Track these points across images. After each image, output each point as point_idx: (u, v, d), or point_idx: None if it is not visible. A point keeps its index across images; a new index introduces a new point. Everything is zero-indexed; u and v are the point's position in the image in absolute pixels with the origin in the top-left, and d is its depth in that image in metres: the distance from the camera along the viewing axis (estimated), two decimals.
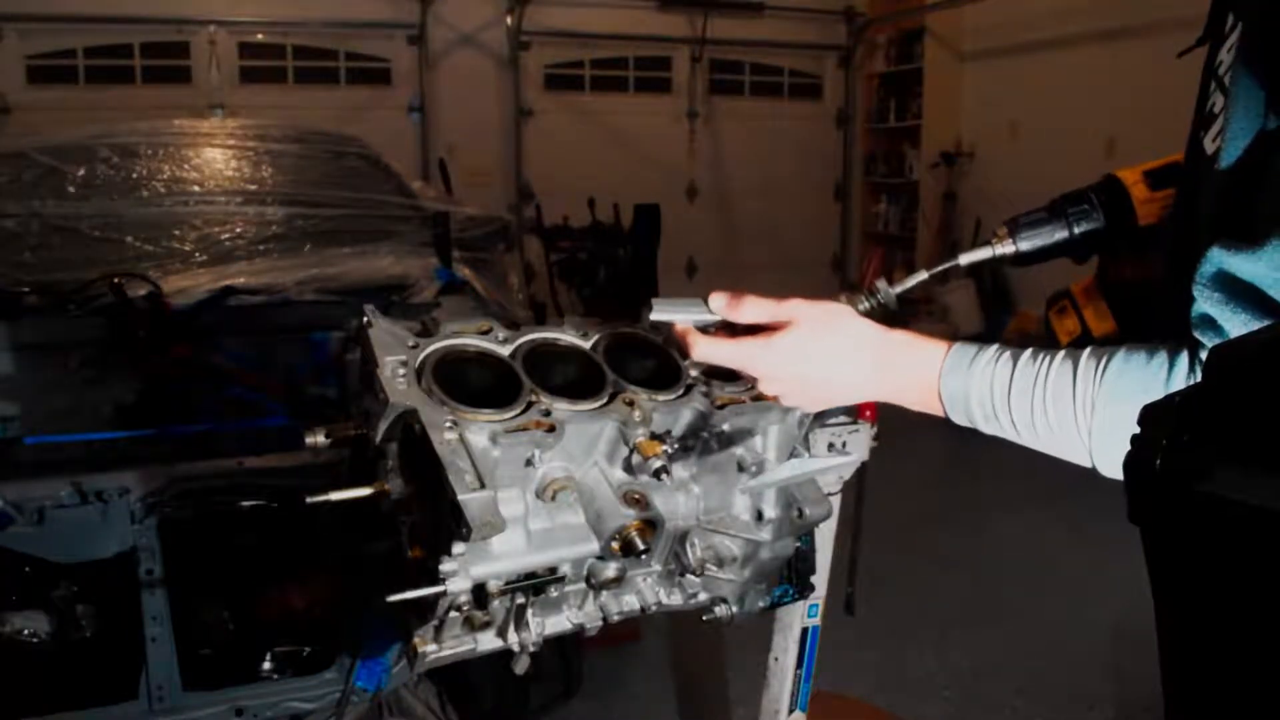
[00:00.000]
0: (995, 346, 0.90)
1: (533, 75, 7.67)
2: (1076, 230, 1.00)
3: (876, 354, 0.92)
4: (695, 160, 8.23)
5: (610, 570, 0.96)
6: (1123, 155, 6.03)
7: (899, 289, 1.00)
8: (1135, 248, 1.07)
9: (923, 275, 1.03)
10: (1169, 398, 0.49)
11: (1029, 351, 0.87)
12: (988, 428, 0.91)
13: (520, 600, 0.93)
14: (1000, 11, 7.06)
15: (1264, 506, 0.43)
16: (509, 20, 7.41)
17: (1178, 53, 1.09)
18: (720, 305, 0.94)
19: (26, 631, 1.79)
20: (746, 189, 8.28)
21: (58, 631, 1.81)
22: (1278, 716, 0.46)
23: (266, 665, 1.92)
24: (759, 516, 1.04)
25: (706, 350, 0.94)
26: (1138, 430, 0.51)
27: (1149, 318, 0.83)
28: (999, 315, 7.07)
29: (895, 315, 0.99)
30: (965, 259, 1.04)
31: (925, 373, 0.91)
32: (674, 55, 8.07)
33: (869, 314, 0.98)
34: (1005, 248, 1.01)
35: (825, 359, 0.92)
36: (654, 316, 0.95)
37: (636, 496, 0.96)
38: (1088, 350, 0.84)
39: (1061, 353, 0.85)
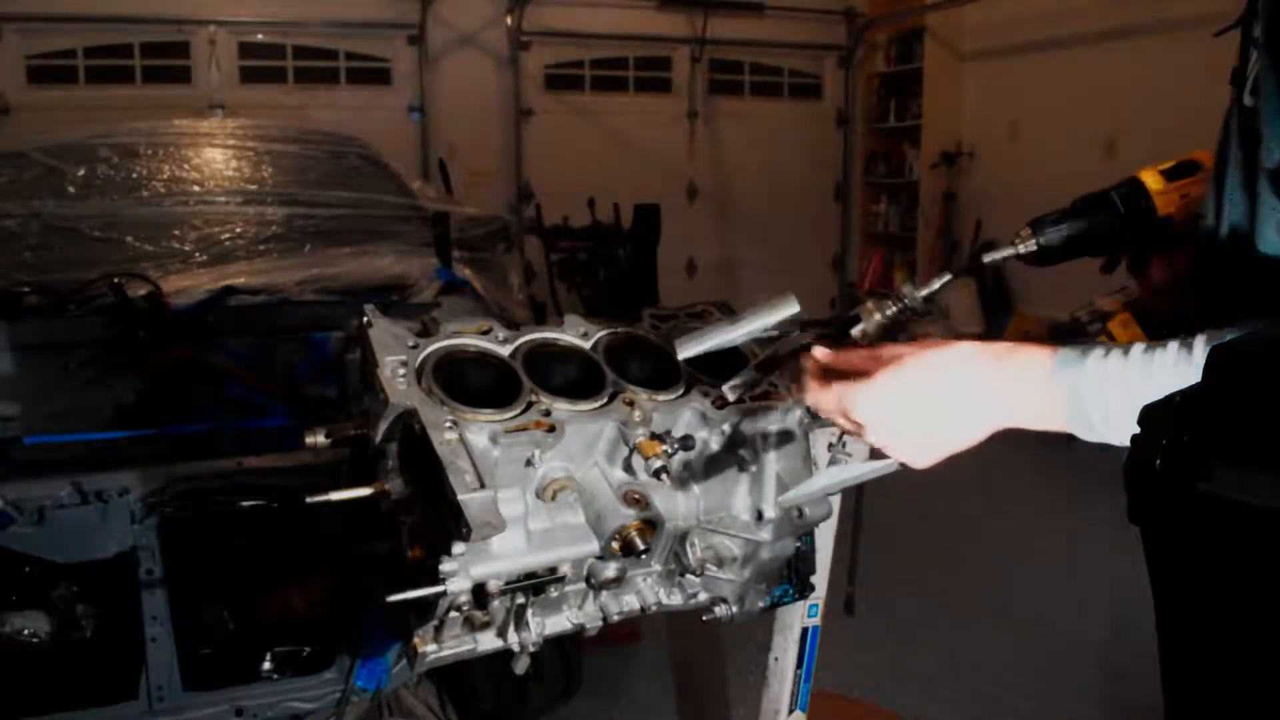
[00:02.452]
0: (1098, 344, 0.84)
1: (533, 75, 7.67)
2: (1098, 227, 1.02)
3: (984, 363, 0.85)
4: (695, 160, 8.23)
5: (610, 570, 0.97)
6: (1123, 155, 6.05)
7: (924, 291, 0.98)
8: (1161, 245, 1.08)
9: (947, 277, 1.02)
10: (1169, 397, 0.49)
11: (1137, 345, 0.80)
12: (1104, 429, 0.81)
13: (520, 600, 0.93)
14: (1000, 11, 7.06)
15: (1264, 506, 0.43)
16: (509, 20, 7.40)
17: (1214, 31, 1.06)
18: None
19: (26, 631, 1.79)
20: (746, 189, 8.28)
21: (58, 631, 1.80)
22: (1277, 714, 0.46)
23: (266, 665, 1.92)
24: (759, 516, 1.04)
25: (811, 398, 0.88)
26: (1138, 430, 0.51)
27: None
28: (999, 315, 7.07)
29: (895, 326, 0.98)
30: (990, 258, 1.05)
31: (1038, 372, 0.82)
32: (674, 55, 8.06)
33: (897, 318, 0.96)
34: (1028, 245, 1.02)
35: (938, 387, 0.84)
36: (683, 355, 0.93)
37: (636, 496, 0.96)
38: (1201, 338, 0.77)
39: (1174, 342, 0.78)
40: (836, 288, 8.90)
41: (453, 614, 0.90)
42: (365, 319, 0.98)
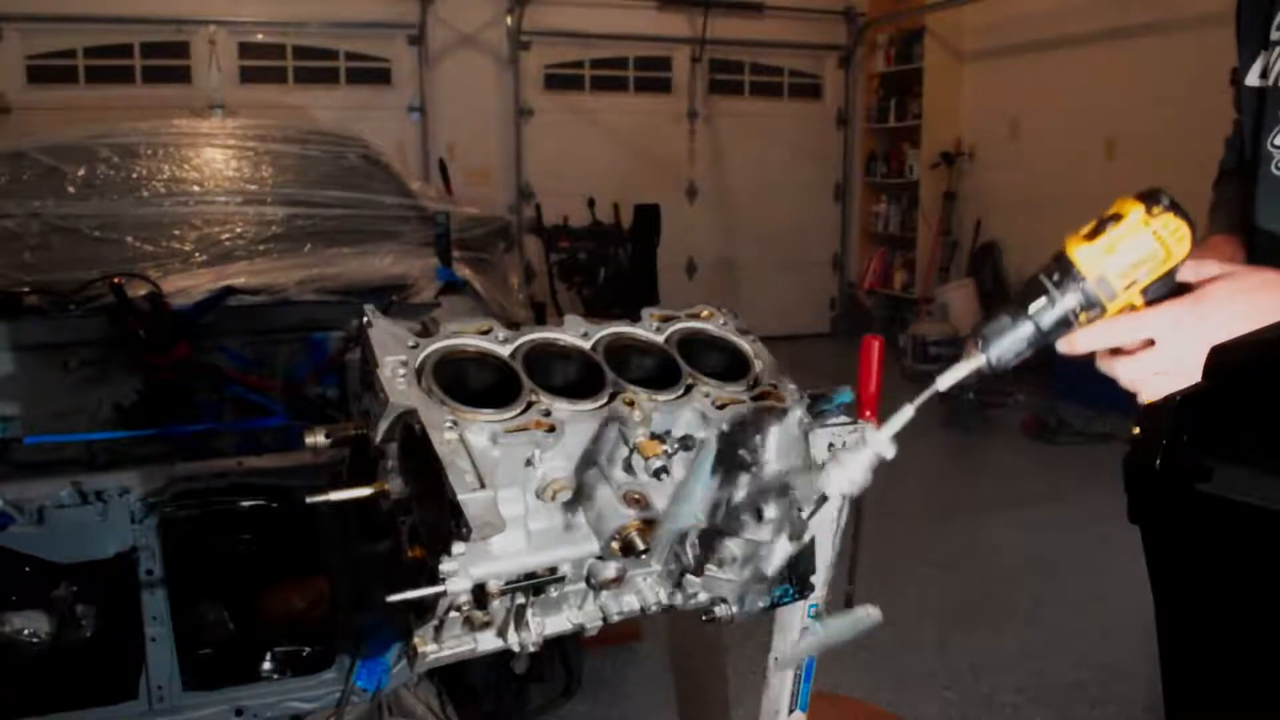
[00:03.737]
0: None
1: (533, 75, 7.68)
2: (1043, 325, 0.89)
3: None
4: (695, 160, 8.23)
5: (610, 570, 0.96)
6: (1123, 155, 6.06)
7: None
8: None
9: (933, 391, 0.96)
10: (1169, 397, 0.49)
11: None
12: None
13: (520, 600, 0.93)
14: (1000, 11, 7.06)
15: (1264, 506, 0.43)
16: (509, 20, 7.41)
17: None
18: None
19: (26, 631, 1.79)
20: (746, 189, 8.28)
21: (58, 631, 1.81)
22: (1277, 713, 0.46)
23: (266, 665, 1.92)
24: (759, 516, 1.04)
25: (1091, 338, 0.88)
26: (1137, 430, 0.51)
27: None
28: None
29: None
30: (944, 383, 0.96)
31: None
32: (674, 55, 8.07)
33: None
34: (978, 360, 0.93)
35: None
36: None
37: (636, 496, 0.96)
38: None
39: None
40: (836, 288, 8.91)
41: (453, 614, 0.90)
42: (365, 319, 0.98)
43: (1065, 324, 0.89)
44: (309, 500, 0.96)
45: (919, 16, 7.94)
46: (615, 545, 0.94)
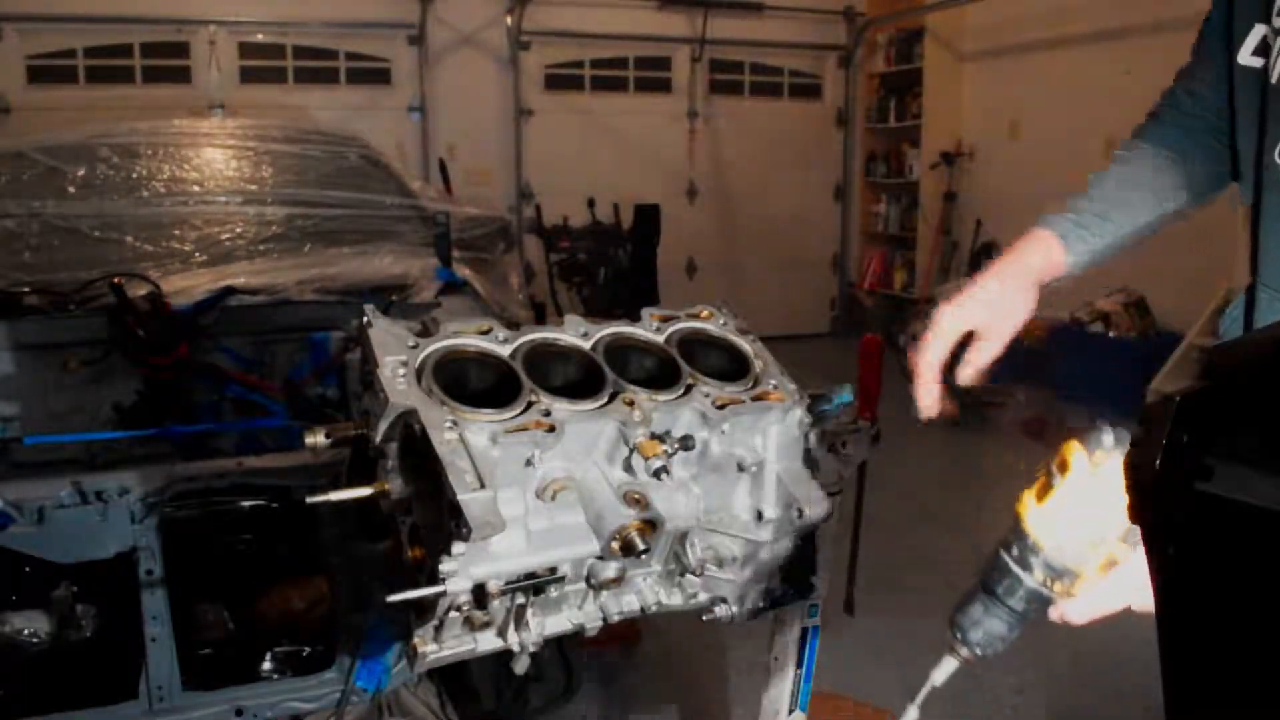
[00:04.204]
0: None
1: (533, 75, 7.67)
2: (1015, 607, 0.84)
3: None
4: (695, 160, 8.23)
5: (610, 570, 0.96)
6: None
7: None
8: None
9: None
10: (1169, 397, 0.49)
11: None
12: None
13: (520, 600, 0.93)
14: (1000, 11, 7.06)
15: (1264, 506, 0.43)
16: (509, 20, 7.41)
17: None
18: None
19: (26, 631, 1.79)
20: (746, 189, 8.28)
21: (58, 631, 1.80)
22: (1278, 715, 0.46)
23: (266, 665, 1.92)
24: (759, 516, 1.04)
25: (1083, 610, 0.86)
26: (1138, 430, 0.51)
27: None
28: None
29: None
30: (938, 677, 0.95)
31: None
32: (674, 55, 8.07)
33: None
34: (961, 655, 0.90)
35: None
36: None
37: (636, 496, 0.96)
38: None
39: None
40: (836, 288, 8.90)
41: (453, 614, 0.90)
42: (365, 319, 0.98)
43: (1041, 599, 0.82)
44: (309, 500, 0.96)
45: (919, 16, 7.94)
46: (615, 545, 0.94)
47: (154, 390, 1.99)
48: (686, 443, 0.99)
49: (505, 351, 1.01)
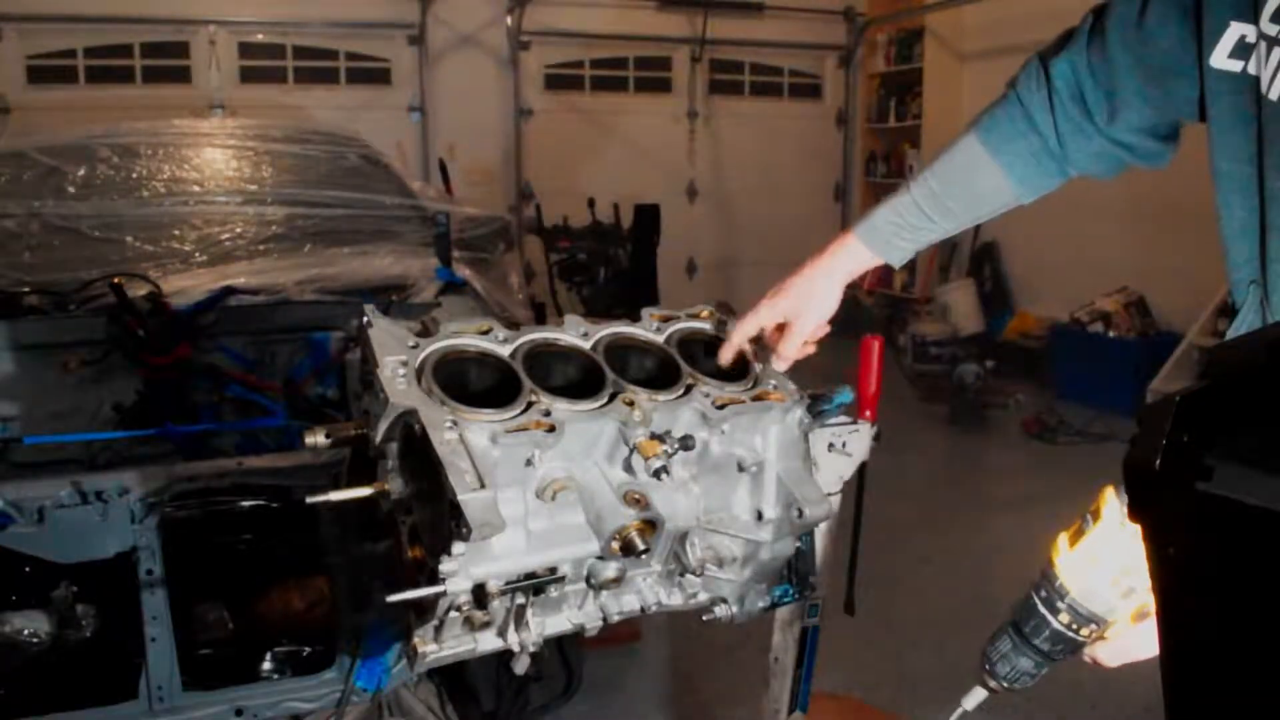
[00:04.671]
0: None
1: (533, 75, 7.67)
2: (1042, 647, 0.83)
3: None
4: (695, 160, 8.23)
5: (610, 570, 0.96)
6: None
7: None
8: None
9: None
10: (1169, 397, 0.49)
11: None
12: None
13: (520, 600, 0.93)
14: (1000, 11, 7.06)
15: (1264, 507, 0.43)
16: (509, 20, 7.41)
17: None
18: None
19: (26, 631, 1.79)
20: (746, 189, 8.28)
21: (58, 631, 1.80)
22: (1278, 716, 0.46)
23: (266, 665, 1.92)
24: (759, 516, 1.04)
25: (1116, 654, 0.82)
26: (1137, 430, 0.51)
27: None
28: (999, 315, 7.08)
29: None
30: (969, 702, 0.94)
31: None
32: (674, 55, 8.06)
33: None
34: (989, 686, 0.90)
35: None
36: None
37: (636, 496, 0.96)
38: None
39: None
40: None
41: (453, 614, 0.90)
42: (365, 319, 0.98)
43: (1067, 641, 0.81)
44: (309, 500, 0.96)
45: (919, 16, 7.94)
46: (615, 545, 0.94)
47: (154, 390, 1.99)
48: (686, 443, 0.99)
49: (505, 351, 1.01)
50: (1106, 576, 0.79)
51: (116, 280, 2.09)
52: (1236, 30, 0.99)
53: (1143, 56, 1.12)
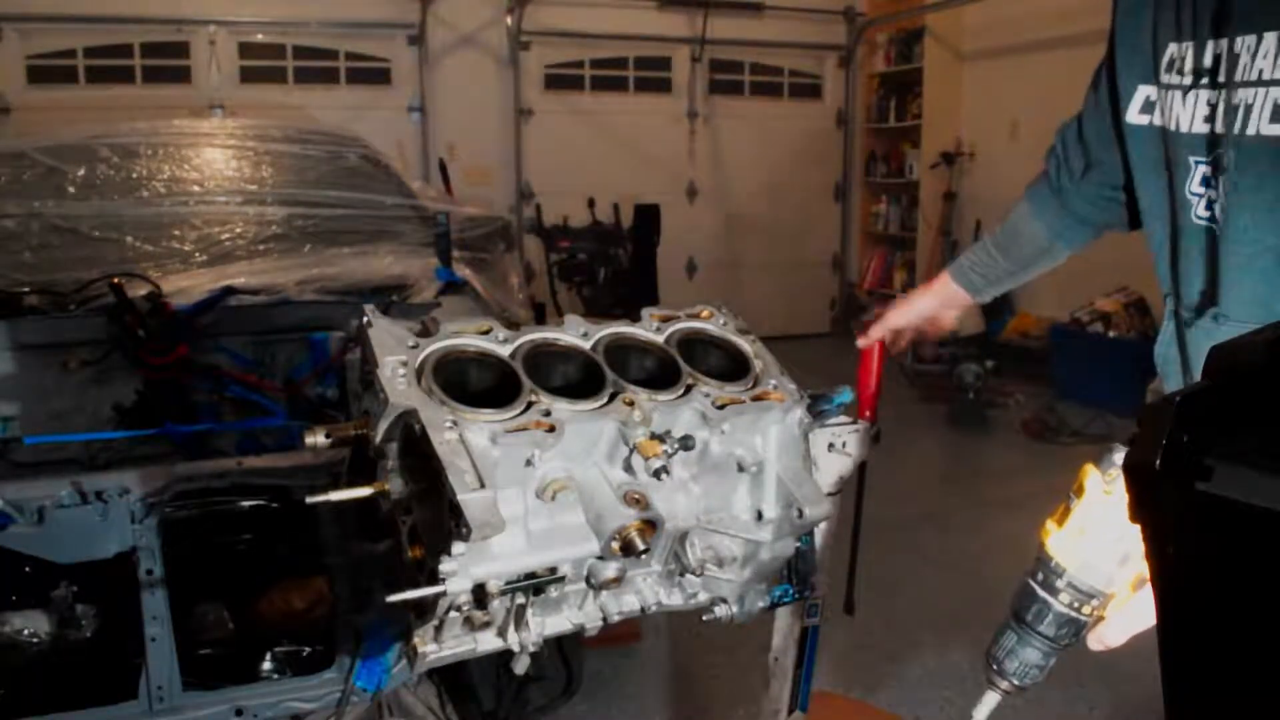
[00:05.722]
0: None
1: (533, 75, 7.67)
2: (1047, 633, 0.82)
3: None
4: (695, 160, 8.23)
5: (610, 570, 0.96)
6: None
7: None
8: None
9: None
10: (1169, 397, 0.49)
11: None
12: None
13: (520, 600, 0.93)
14: (1000, 11, 7.06)
15: (1264, 506, 0.43)
16: (509, 20, 7.41)
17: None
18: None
19: (26, 631, 1.79)
20: (746, 189, 8.28)
21: (58, 631, 1.81)
22: (1278, 715, 0.46)
23: (266, 665, 1.92)
24: (759, 516, 1.04)
25: (1119, 630, 0.81)
26: (1137, 430, 0.51)
27: None
28: (999, 315, 7.08)
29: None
30: (979, 714, 0.92)
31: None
32: (674, 55, 8.07)
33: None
34: (1001, 688, 0.89)
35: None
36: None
37: (636, 497, 0.96)
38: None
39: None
40: (837, 288, 8.90)
41: (452, 614, 0.90)
42: (365, 319, 0.98)
43: (1071, 622, 0.81)
44: (309, 500, 0.96)
45: (919, 16, 7.94)
46: (615, 545, 0.94)
47: (154, 390, 1.99)
48: (686, 443, 0.99)
49: (505, 351, 1.01)
50: (1099, 545, 0.79)
51: (116, 280, 2.09)
52: (1143, 91, 1.22)
53: (1094, 118, 1.40)
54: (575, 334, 1.06)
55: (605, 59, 7.89)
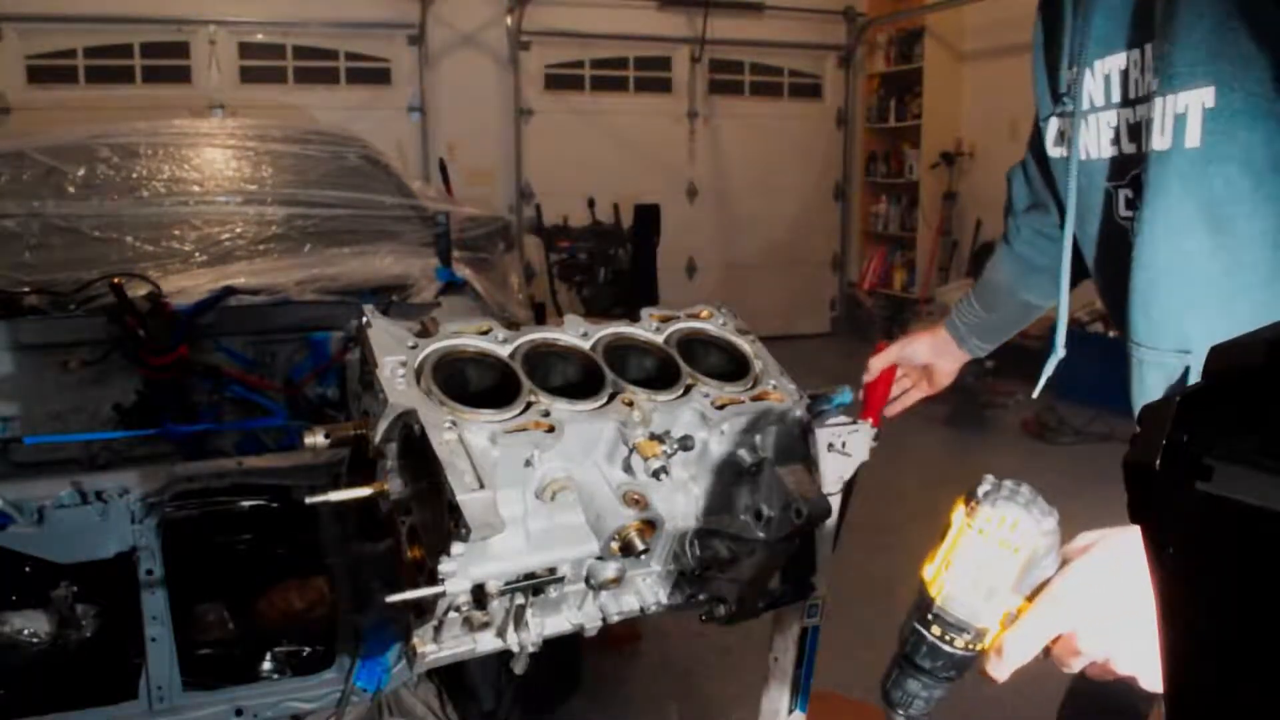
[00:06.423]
0: None
1: (533, 75, 7.68)
2: (930, 668, 0.81)
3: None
4: (695, 160, 8.23)
5: (610, 570, 0.96)
6: None
7: None
8: None
9: None
10: (1169, 397, 0.49)
11: None
12: None
13: (520, 600, 0.93)
14: (1000, 11, 7.06)
15: (1264, 506, 0.43)
16: (509, 20, 7.41)
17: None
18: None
19: (26, 631, 1.79)
20: (746, 189, 8.28)
21: (58, 631, 1.81)
22: (1278, 717, 0.46)
23: (266, 665, 1.92)
24: (758, 516, 1.04)
25: (1002, 665, 0.78)
26: (1137, 430, 0.51)
27: None
28: None
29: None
30: None
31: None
32: (674, 55, 8.07)
33: None
34: (894, 716, 0.87)
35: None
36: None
37: (636, 497, 0.96)
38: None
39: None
40: (836, 288, 8.90)
41: (452, 614, 0.90)
42: (365, 319, 0.98)
43: (947, 657, 0.80)
44: (309, 500, 0.96)
45: (919, 16, 7.94)
46: (615, 545, 0.94)
47: (154, 390, 1.99)
48: (686, 443, 0.99)
49: (505, 351, 1.01)
50: (963, 579, 0.79)
51: (116, 280, 2.09)
52: (1055, 124, 1.21)
53: (1031, 159, 1.44)
54: (575, 334, 1.06)
55: (605, 59, 7.90)
